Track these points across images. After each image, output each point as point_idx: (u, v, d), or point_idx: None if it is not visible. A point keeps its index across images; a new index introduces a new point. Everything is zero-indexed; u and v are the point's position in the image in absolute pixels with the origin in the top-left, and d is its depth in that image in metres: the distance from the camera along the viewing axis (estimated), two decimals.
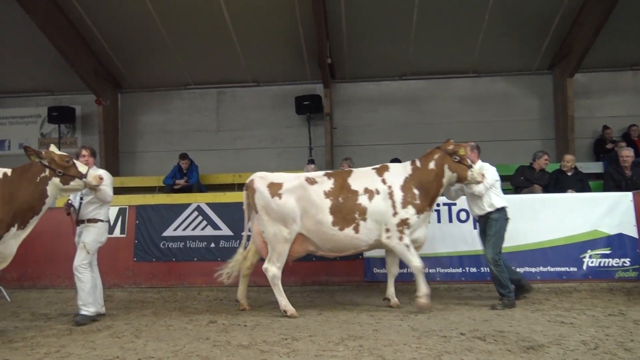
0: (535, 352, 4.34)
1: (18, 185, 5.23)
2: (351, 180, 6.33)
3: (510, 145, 12.30)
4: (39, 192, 5.29)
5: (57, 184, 5.35)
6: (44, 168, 5.33)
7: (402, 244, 6.14)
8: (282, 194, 6.23)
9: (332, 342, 4.77)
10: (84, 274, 5.88)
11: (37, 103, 13.77)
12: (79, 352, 4.59)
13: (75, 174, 5.39)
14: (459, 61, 12.42)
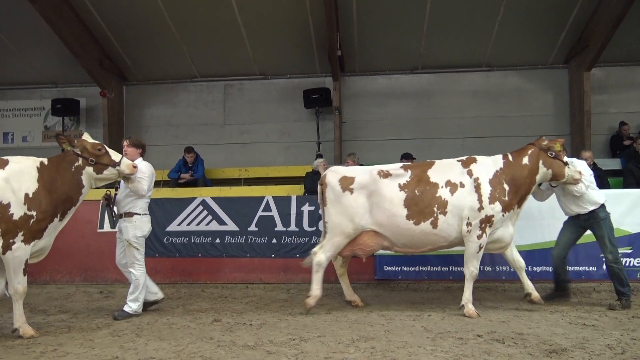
0: (559, 356, 4.12)
1: (56, 174, 5.23)
2: (431, 173, 5.99)
3: (525, 141, 11.53)
4: (75, 182, 5.29)
5: (91, 173, 5.33)
6: (77, 157, 5.32)
7: (476, 243, 5.80)
8: (354, 189, 6.00)
9: (342, 343, 4.57)
10: (139, 270, 5.87)
11: (41, 95, 13.60)
12: (76, 352, 4.41)
13: (108, 162, 5.36)
14: (472, 55, 12.13)
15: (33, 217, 5.00)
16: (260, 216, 8.01)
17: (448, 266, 7.41)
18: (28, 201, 4.99)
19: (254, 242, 7.94)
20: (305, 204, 7.97)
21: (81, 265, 8.02)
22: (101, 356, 4.26)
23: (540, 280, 7.20)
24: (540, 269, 7.32)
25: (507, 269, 7.27)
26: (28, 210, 4.98)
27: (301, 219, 7.93)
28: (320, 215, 7.85)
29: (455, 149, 12.21)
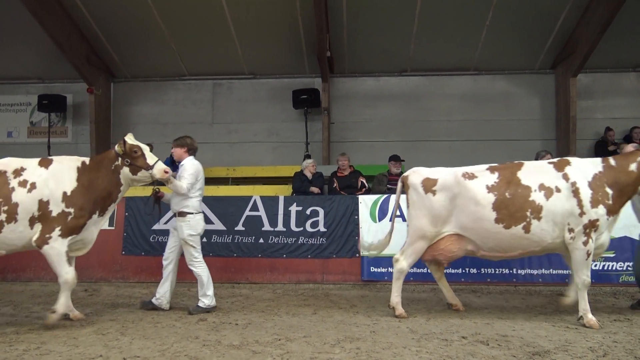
0: (542, 358, 4.17)
1: (97, 173, 5.48)
2: (522, 175, 5.63)
3: (510, 145, 12.10)
4: (114, 180, 5.53)
5: (127, 174, 5.54)
6: (117, 157, 5.53)
7: (583, 250, 5.38)
8: (437, 191, 5.79)
9: (327, 343, 4.57)
10: (199, 267, 5.92)
11: (27, 91, 13.42)
12: (60, 350, 4.36)
13: (142, 164, 5.50)
14: (461, 58, 12.21)
15: (71, 214, 5.25)
16: (248, 216, 8.00)
17: None
18: (66, 199, 5.26)
19: (241, 242, 7.92)
20: (293, 204, 7.98)
21: None
22: (85, 354, 4.21)
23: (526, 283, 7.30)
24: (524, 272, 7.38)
25: (492, 271, 7.33)
26: (66, 207, 5.24)
27: (288, 219, 7.93)
28: (307, 215, 7.88)
29: (443, 152, 12.31)
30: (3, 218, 5.12)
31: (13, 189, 5.20)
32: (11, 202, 5.14)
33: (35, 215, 5.19)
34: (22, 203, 5.16)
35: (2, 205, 5.12)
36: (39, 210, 5.19)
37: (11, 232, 5.16)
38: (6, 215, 5.12)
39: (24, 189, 5.21)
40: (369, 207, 7.72)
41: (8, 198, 5.15)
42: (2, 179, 5.25)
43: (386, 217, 7.63)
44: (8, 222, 5.13)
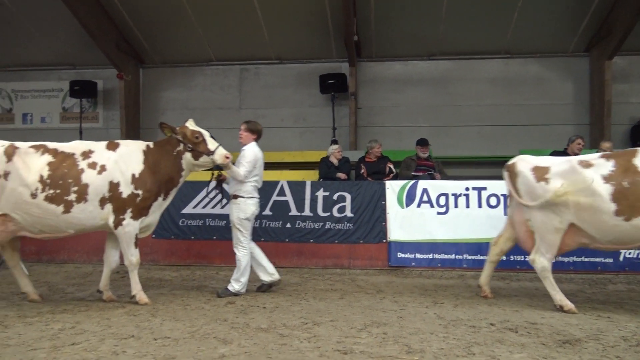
0: (572, 346, 4.08)
1: (160, 157, 5.65)
2: (638, 162, 5.26)
3: (543, 130, 11.86)
4: (176, 165, 5.68)
5: (189, 159, 5.68)
6: (179, 142, 5.67)
7: None
8: (550, 179, 5.49)
9: (354, 328, 4.58)
10: (241, 251, 5.97)
11: (59, 77, 13.68)
12: (93, 330, 4.47)
13: (203, 150, 5.63)
14: (491, 41, 11.95)
15: (139, 195, 5.47)
16: (275, 200, 8.03)
17: (462, 254, 7.39)
18: (135, 181, 5.46)
19: (268, 227, 7.98)
20: (320, 189, 7.98)
21: (99, 246, 8.02)
22: (117, 334, 4.31)
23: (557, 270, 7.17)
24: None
25: (521, 258, 7.23)
26: (135, 189, 5.45)
27: (315, 204, 7.94)
28: (334, 201, 7.87)
29: (472, 137, 12.13)
30: (73, 198, 5.29)
31: (82, 170, 5.36)
32: (81, 182, 5.32)
33: (106, 196, 5.38)
34: (92, 184, 5.34)
35: (72, 186, 5.29)
36: (109, 191, 5.38)
37: (81, 212, 5.33)
38: (76, 195, 5.30)
39: (93, 170, 5.38)
40: (397, 193, 7.67)
41: (78, 179, 5.32)
42: (70, 160, 5.41)
43: (413, 203, 7.57)
44: (78, 202, 5.30)
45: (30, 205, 5.23)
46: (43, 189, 5.23)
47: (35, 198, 5.22)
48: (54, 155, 5.41)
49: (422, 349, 3.97)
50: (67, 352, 3.84)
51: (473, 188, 7.50)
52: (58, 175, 5.29)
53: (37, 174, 5.26)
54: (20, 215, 5.27)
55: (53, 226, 5.37)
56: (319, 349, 3.94)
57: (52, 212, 5.26)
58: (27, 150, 5.38)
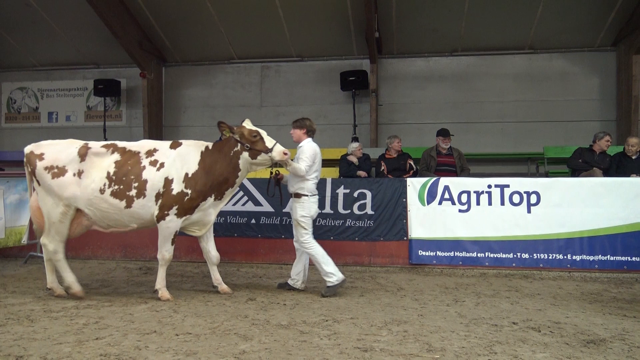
0: (597, 346, 4.02)
1: (216, 158, 5.71)
2: None
3: (568, 127, 11.67)
4: (232, 166, 5.71)
5: (247, 158, 5.70)
6: (237, 143, 5.71)
7: None
8: None
9: (374, 325, 4.57)
10: (312, 247, 5.91)
11: (84, 76, 13.92)
12: (117, 325, 4.54)
13: (262, 148, 5.64)
14: (515, 36, 11.77)
15: (187, 194, 5.58)
16: None
17: (484, 252, 7.29)
18: (186, 180, 5.59)
19: (289, 224, 7.95)
20: (340, 187, 7.95)
21: (121, 242, 8.24)
22: (140, 330, 4.37)
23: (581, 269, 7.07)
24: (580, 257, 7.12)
25: (545, 256, 7.13)
26: (185, 188, 5.57)
27: (336, 202, 7.92)
28: (354, 198, 7.84)
29: (495, 134, 11.99)
30: (133, 193, 5.53)
31: (144, 167, 5.61)
32: (141, 179, 5.56)
33: (160, 191, 5.57)
34: (150, 180, 5.56)
35: (133, 182, 5.55)
36: (163, 187, 5.56)
37: (141, 207, 5.57)
38: (136, 191, 5.54)
39: (153, 167, 5.60)
40: (418, 190, 7.60)
41: (139, 175, 5.57)
42: (135, 158, 5.67)
43: (435, 200, 7.51)
44: (137, 197, 5.55)
45: (100, 200, 5.56)
46: (109, 184, 5.55)
47: (103, 193, 5.54)
48: (122, 153, 5.71)
49: (443, 348, 3.94)
50: (91, 346, 3.91)
51: (496, 185, 7.39)
52: (122, 172, 5.58)
53: (105, 171, 5.59)
54: (92, 210, 5.62)
55: (118, 220, 5.67)
56: (339, 346, 3.94)
57: (116, 207, 5.56)
58: (98, 150, 5.71)
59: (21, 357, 3.67)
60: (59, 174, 5.60)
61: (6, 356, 3.68)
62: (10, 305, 5.28)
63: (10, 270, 7.41)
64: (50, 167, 5.62)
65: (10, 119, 14.35)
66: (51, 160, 5.66)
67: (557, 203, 7.20)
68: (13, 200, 7.53)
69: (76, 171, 5.60)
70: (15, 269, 7.56)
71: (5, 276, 6.98)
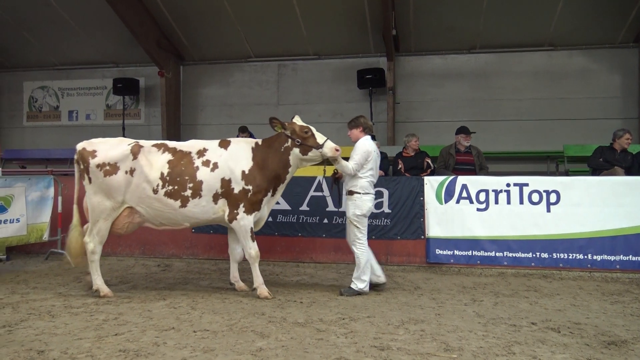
0: (618, 348, 3.96)
1: (267, 154, 5.77)
2: None
3: (588, 125, 11.50)
4: (283, 161, 5.76)
5: (297, 154, 5.74)
6: (287, 138, 5.75)
7: None
8: None
9: (391, 324, 4.55)
10: (359, 248, 5.85)
11: (103, 75, 14.10)
12: (135, 321, 4.58)
13: (313, 144, 5.66)
14: (534, 33, 11.64)
15: (250, 190, 5.66)
16: (312, 196, 8.02)
17: (502, 251, 7.21)
18: (245, 177, 5.65)
19: (306, 222, 7.99)
20: None
21: (140, 239, 8.31)
22: (158, 326, 4.41)
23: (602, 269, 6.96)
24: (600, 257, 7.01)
25: (565, 255, 7.03)
26: (245, 185, 5.65)
27: None
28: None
29: (513, 132, 11.87)
30: (189, 194, 5.62)
31: (197, 167, 5.68)
32: (196, 179, 5.63)
33: (218, 192, 5.65)
34: (206, 181, 5.63)
35: (188, 182, 5.62)
36: (221, 187, 5.63)
37: (195, 207, 5.65)
38: (191, 191, 5.62)
39: (207, 168, 5.67)
40: (435, 189, 7.55)
41: (193, 176, 5.64)
42: (187, 159, 5.74)
43: (453, 199, 7.45)
44: (193, 197, 5.63)
45: (152, 199, 5.64)
46: (163, 185, 5.62)
47: (157, 193, 5.63)
48: (173, 153, 5.79)
49: (461, 347, 3.91)
50: (111, 342, 3.96)
51: (514, 184, 7.30)
52: (176, 173, 5.66)
53: (158, 171, 5.66)
54: (144, 208, 5.71)
55: (172, 219, 5.77)
56: (355, 345, 3.94)
57: (171, 207, 5.65)
58: (150, 149, 5.79)
59: (42, 351, 3.73)
60: (111, 172, 5.66)
61: (28, 350, 3.74)
62: (32, 301, 5.37)
63: (31, 267, 7.53)
64: (103, 165, 5.68)
65: (31, 118, 14.59)
66: (103, 157, 5.71)
67: (577, 202, 7.09)
68: (35, 198, 7.65)
69: (128, 169, 5.67)
70: (37, 265, 7.68)
71: (27, 272, 7.10)
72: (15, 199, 7.29)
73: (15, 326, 4.40)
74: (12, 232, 7.26)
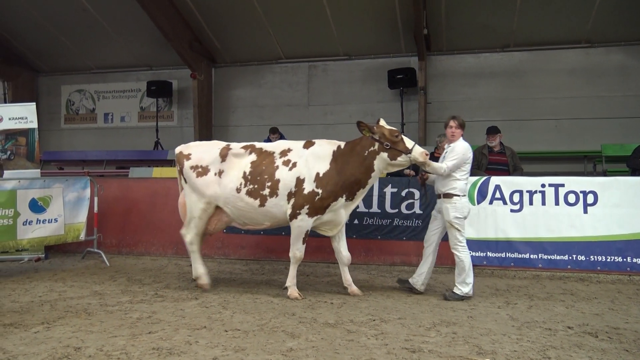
0: None
1: (348, 158, 5.64)
2: None
3: (627, 124, 11.14)
4: (365, 166, 5.60)
5: (385, 159, 5.56)
6: (374, 142, 5.59)
7: None
8: None
9: (422, 326, 4.50)
10: (462, 252, 5.67)
11: (137, 78, 14.39)
12: (168, 319, 4.65)
13: (402, 149, 5.49)
14: (571, 30, 11.35)
15: (318, 194, 5.58)
16: None
17: (537, 254, 7.05)
18: (317, 180, 5.61)
19: None
20: (388, 186, 7.87)
21: (173, 240, 8.43)
22: (191, 325, 4.47)
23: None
24: None
25: (603, 258, 6.83)
26: (316, 187, 5.59)
27: (383, 201, 7.85)
28: (402, 197, 7.75)
29: (548, 131, 11.61)
30: (267, 192, 5.72)
31: (277, 167, 5.77)
32: (274, 178, 5.73)
33: (292, 191, 5.67)
34: (283, 179, 5.70)
35: (266, 182, 5.74)
36: (295, 186, 5.65)
37: (273, 206, 5.74)
38: (269, 190, 5.72)
39: (286, 167, 5.74)
40: (468, 189, 7.43)
41: (272, 175, 5.75)
42: (270, 158, 5.87)
43: (485, 200, 7.32)
44: (270, 196, 5.72)
45: (237, 199, 5.84)
46: (245, 184, 5.80)
47: (239, 192, 5.81)
48: (258, 154, 5.94)
49: (494, 351, 3.84)
50: (144, 340, 4.02)
51: (549, 185, 7.14)
52: (257, 172, 5.80)
53: (241, 171, 5.86)
54: (230, 208, 5.93)
55: (253, 218, 5.93)
56: (386, 347, 3.91)
57: (251, 206, 5.79)
58: (237, 151, 6.01)
59: (79, 348, 3.82)
60: (203, 173, 5.99)
61: (65, 347, 3.84)
62: (69, 299, 5.51)
63: (69, 265, 7.73)
64: (195, 167, 6.04)
65: (69, 120, 15.00)
66: (196, 160, 6.08)
67: (616, 203, 6.88)
68: (72, 198, 7.84)
69: (217, 171, 5.95)
70: (74, 264, 7.89)
71: (64, 271, 7.29)
72: (53, 199, 7.48)
73: (53, 323, 4.53)
74: (51, 232, 7.46)
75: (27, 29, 13.37)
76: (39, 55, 14.59)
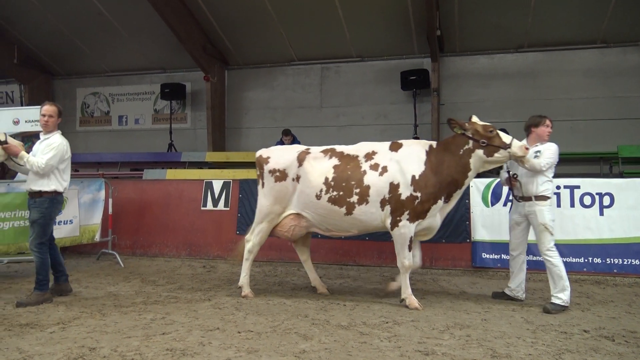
0: None
1: (443, 157, 5.36)
2: None
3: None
4: (462, 165, 5.31)
5: (481, 156, 5.26)
6: (468, 140, 5.30)
7: None
8: None
9: (436, 329, 4.47)
10: (554, 258, 5.30)
11: (151, 80, 14.52)
12: (182, 320, 4.67)
13: (500, 144, 5.18)
14: (585, 30, 11.25)
15: (418, 198, 5.27)
16: None
17: None
18: (414, 183, 5.29)
19: None
20: None
21: (186, 241, 8.49)
22: (204, 326, 4.48)
23: None
24: None
25: (619, 261, 6.74)
26: (414, 191, 5.28)
27: None
28: None
29: (564, 133, 11.45)
30: (355, 200, 5.42)
31: (365, 172, 5.45)
32: (363, 184, 5.41)
33: (386, 197, 5.34)
34: (373, 185, 5.38)
35: (354, 188, 5.43)
36: (389, 192, 5.33)
37: (363, 214, 5.43)
38: (358, 197, 5.41)
39: (375, 172, 5.42)
40: (481, 191, 7.39)
41: (360, 181, 5.43)
42: (354, 163, 5.56)
43: (499, 202, 7.27)
44: (359, 203, 5.41)
45: (317, 205, 5.57)
46: (327, 190, 5.52)
47: (320, 199, 5.53)
48: (340, 158, 5.65)
49: (508, 354, 3.80)
50: (158, 341, 4.04)
51: (565, 186, 7.07)
52: (342, 178, 5.50)
53: (322, 176, 5.57)
54: (310, 214, 5.67)
55: (338, 225, 5.64)
56: (399, 349, 3.89)
57: (335, 213, 5.50)
58: (316, 155, 5.76)
59: (94, 348, 3.85)
60: (281, 178, 5.76)
61: (80, 347, 3.87)
62: (84, 300, 5.56)
63: (84, 267, 7.80)
64: (274, 171, 5.81)
65: (84, 123, 15.17)
66: (274, 164, 5.84)
67: (632, 205, 6.79)
68: (87, 200, 7.91)
69: (294, 176, 5.70)
70: (89, 265, 7.95)
71: (79, 272, 7.35)
72: (68, 201, 7.55)
73: (69, 323, 4.57)
74: (66, 233, 7.53)
75: (43, 32, 13.56)
76: (54, 59, 14.78)
